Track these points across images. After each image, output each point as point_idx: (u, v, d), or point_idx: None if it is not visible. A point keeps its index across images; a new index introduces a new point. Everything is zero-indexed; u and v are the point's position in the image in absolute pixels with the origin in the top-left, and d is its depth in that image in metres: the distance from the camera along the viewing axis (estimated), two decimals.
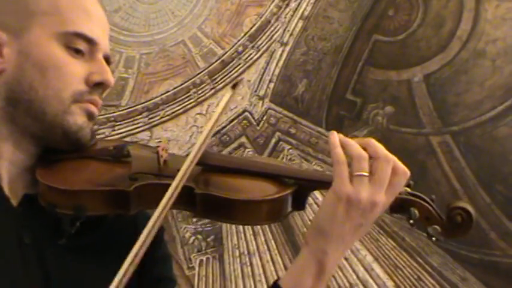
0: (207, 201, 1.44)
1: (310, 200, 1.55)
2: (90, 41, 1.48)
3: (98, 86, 1.49)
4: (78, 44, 1.47)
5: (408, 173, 1.45)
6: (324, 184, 1.51)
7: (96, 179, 1.45)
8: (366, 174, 1.41)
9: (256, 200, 1.46)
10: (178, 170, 1.35)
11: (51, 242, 1.42)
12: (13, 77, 1.44)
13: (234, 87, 1.49)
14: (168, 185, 1.34)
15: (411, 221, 1.49)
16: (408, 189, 1.52)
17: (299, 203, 1.53)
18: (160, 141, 1.53)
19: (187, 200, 1.42)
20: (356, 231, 1.45)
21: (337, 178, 1.42)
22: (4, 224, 1.40)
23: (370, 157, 1.42)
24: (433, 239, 1.50)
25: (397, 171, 1.44)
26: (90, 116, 1.49)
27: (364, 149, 1.44)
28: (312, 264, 1.45)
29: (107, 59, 1.54)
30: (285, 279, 1.48)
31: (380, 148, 1.44)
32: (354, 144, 1.45)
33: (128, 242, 1.43)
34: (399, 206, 1.50)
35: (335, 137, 1.47)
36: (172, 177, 1.36)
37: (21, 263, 1.38)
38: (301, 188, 1.52)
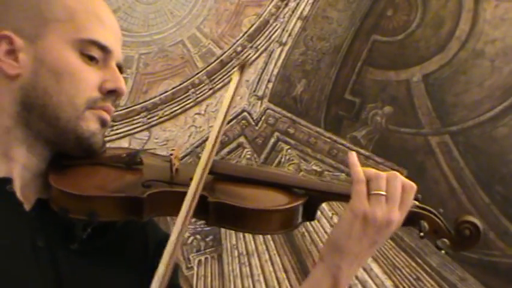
0: (220, 210, 1.44)
1: None
2: (104, 49, 1.50)
3: (111, 93, 1.51)
4: (92, 51, 1.48)
5: (415, 186, 1.50)
6: (334, 196, 1.55)
7: (109, 185, 1.46)
8: (384, 193, 1.46)
9: (269, 210, 1.47)
10: (190, 179, 1.36)
11: (63, 246, 1.42)
12: (28, 82, 1.46)
13: (241, 68, 1.48)
14: (180, 193, 1.34)
15: (421, 234, 1.52)
16: (417, 203, 1.55)
17: (309, 214, 1.55)
18: (173, 149, 1.53)
19: (201, 209, 1.42)
20: (371, 248, 1.49)
21: (355, 196, 1.47)
22: (18, 228, 1.41)
23: None
24: (442, 251, 1.54)
25: (405, 186, 1.49)
26: (102, 123, 1.50)
27: None
28: (327, 278, 1.48)
29: (120, 68, 1.55)
30: None
31: (383, 172, 1.50)
32: (371, 168, 1.51)
33: (138, 249, 1.45)
34: (409, 219, 1.53)
35: (354, 156, 1.52)
36: (184, 185, 1.37)
37: (35, 265, 1.39)
38: (312, 198, 1.54)
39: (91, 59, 1.48)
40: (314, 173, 3.67)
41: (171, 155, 1.53)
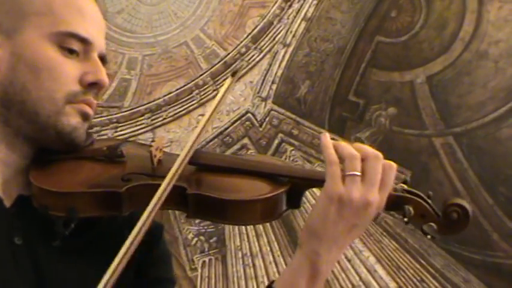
0: (199, 202, 1.42)
1: (312, 201, 1.54)
2: (84, 41, 1.46)
3: (92, 86, 1.47)
4: (71, 44, 1.45)
5: (395, 166, 1.44)
6: (318, 182, 1.50)
7: (89, 180, 1.44)
8: (358, 173, 1.39)
9: (249, 200, 1.44)
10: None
11: (45, 243, 1.40)
12: (6, 78, 1.42)
13: (233, 75, 1.48)
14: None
15: (405, 219, 1.46)
16: (405, 186, 1.50)
17: (294, 201, 1.50)
18: (153, 141, 1.51)
19: (180, 200, 1.40)
20: (350, 232, 1.43)
21: (329, 178, 1.40)
22: None
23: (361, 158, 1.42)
24: (428, 236, 1.48)
25: (385, 167, 1.42)
26: (84, 117, 1.47)
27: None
28: (306, 266, 1.43)
29: (103, 58, 1.52)
30: (280, 281, 1.47)
31: (369, 148, 1.43)
32: (345, 145, 1.43)
33: (122, 244, 1.42)
34: (393, 204, 1.47)
35: (326, 137, 1.45)
36: (165, 177, 1.35)
37: (12, 263, 1.37)
38: (295, 186, 1.49)
39: (71, 52, 1.44)
40: None
41: (151, 146, 1.51)
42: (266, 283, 3.62)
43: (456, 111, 3.45)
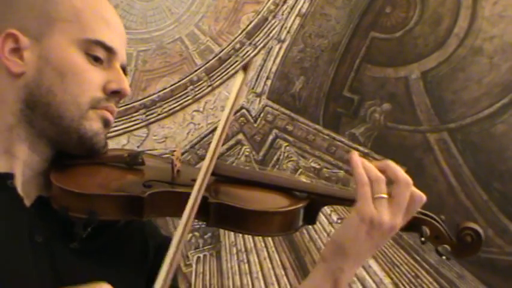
0: (221, 211, 1.45)
1: None
2: (109, 50, 1.51)
3: (115, 94, 1.52)
4: (97, 52, 1.50)
5: (424, 198, 1.51)
6: (336, 200, 1.55)
7: (110, 184, 1.47)
8: (385, 196, 1.46)
9: (270, 212, 1.48)
10: (192, 180, 1.36)
11: (62, 244, 1.43)
12: (32, 81, 1.47)
13: (245, 69, 1.49)
14: (181, 193, 1.34)
15: (422, 239, 1.53)
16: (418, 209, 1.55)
17: (310, 217, 1.56)
18: (175, 150, 1.53)
19: (201, 210, 1.41)
20: (371, 250, 1.50)
21: (361, 199, 1.47)
22: (17, 222, 1.42)
23: (389, 180, 1.47)
24: (443, 257, 1.54)
25: (414, 196, 1.49)
26: (105, 123, 1.52)
27: (383, 171, 1.48)
28: (328, 280, 1.49)
29: (124, 69, 1.56)
30: None
31: (399, 171, 1.50)
32: (371, 166, 1.49)
33: (137, 250, 1.44)
34: (411, 224, 1.53)
35: (357, 157, 1.50)
36: (185, 185, 1.37)
37: (32, 260, 1.40)
38: (313, 202, 1.54)
39: (96, 59, 1.50)
40: (313, 170, 3.67)
41: (173, 155, 1.53)
42: (260, 279, 3.63)
43: (451, 107, 3.46)
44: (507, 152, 3.28)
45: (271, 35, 3.96)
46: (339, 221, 3.51)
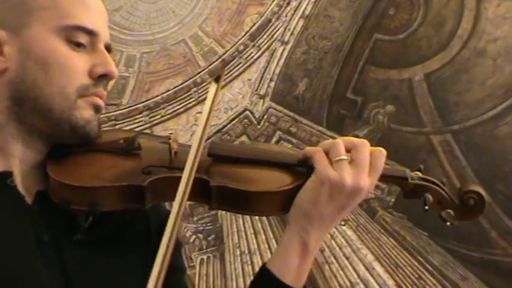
0: (223, 194, 1.42)
1: None
2: (90, 33, 1.46)
3: (102, 77, 1.48)
4: (79, 37, 1.45)
5: (384, 151, 1.49)
6: None
7: (109, 174, 1.44)
8: (345, 157, 1.43)
9: (272, 191, 1.45)
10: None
11: (67, 238, 1.41)
12: (16, 76, 1.43)
13: (217, 80, 1.48)
14: (181, 178, 1.33)
15: (426, 207, 1.50)
16: (419, 174, 1.55)
17: None
18: (171, 133, 1.51)
19: (203, 193, 1.41)
20: (339, 213, 1.46)
21: (317, 164, 1.44)
22: (22, 223, 1.40)
23: (348, 150, 1.45)
24: (447, 223, 1.52)
25: (373, 152, 1.47)
26: (96, 109, 1.48)
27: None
28: (296, 243, 1.46)
29: (108, 47, 1.53)
30: (272, 260, 1.50)
31: (353, 138, 1.48)
32: (324, 141, 1.49)
33: (141, 232, 1.43)
34: (413, 191, 1.52)
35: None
36: (184, 169, 1.35)
37: (41, 261, 1.38)
38: None
39: (78, 45, 1.45)
40: None
41: (169, 138, 1.51)
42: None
43: (454, 108, 3.46)
44: (511, 153, 3.28)
45: (274, 36, 3.96)
46: (343, 223, 3.51)
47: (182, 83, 4.11)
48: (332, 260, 3.46)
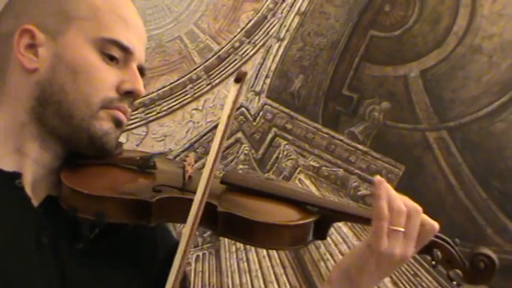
0: (229, 221, 1.43)
1: None
2: (125, 49, 1.50)
3: (128, 94, 1.51)
4: (113, 51, 1.49)
5: (437, 227, 1.48)
6: (348, 217, 1.53)
7: (120, 186, 1.45)
8: (403, 230, 1.42)
9: (279, 225, 1.45)
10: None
11: (69, 245, 1.42)
12: (45, 78, 1.46)
13: (237, 81, 1.47)
14: (191, 200, 1.33)
15: (434, 262, 1.50)
16: None
17: (321, 232, 1.53)
18: (187, 157, 1.52)
19: (209, 218, 1.41)
20: (380, 279, 1.49)
21: (376, 234, 1.44)
22: (23, 223, 1.41)
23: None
24: (454, 283, 1.51)
25: (425, 225, 1.46)
26: (117, 123, 1.50)
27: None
28: None
29: (141, 70, 1.55)
30: None
31: (411, 202, 1.46)
32: (396, 197, 1.45)
33: (146, 254, 1.44)
34: (423, 247, 1.51)
35: (383, 185, 1.46)
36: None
37: (38, 261, 1.39)
38: (325, 217, 1.51)
39: (111, 58, 1.48)
40: (312, 168, 3.67)
41: (185, 161, 1.52)
42: (260, 277, 3.63)
43: (450, 105, 3.45)
44: (506, 150, 3.28)
45: (270, 33, 3.95)
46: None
47: (178, 80, 4.11)
48: (328, 257, 3.46)
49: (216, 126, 3.94)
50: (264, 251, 3.65)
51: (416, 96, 3.55)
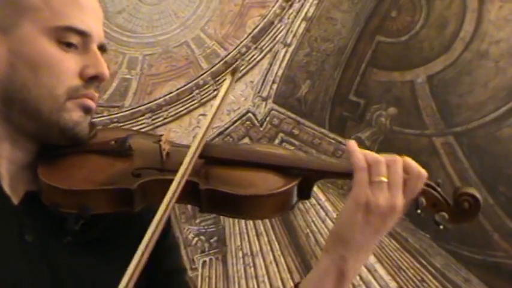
0: (212, 197, 1.40)
1: (313, 201, 1.53)
2: (82, 34, 1.42)
3: (93, 79, 1.44)
4: (70, 38, 1.41)
5: (424, 174, 1.45)
6: (330, 174, 1.50)
7: (99, 176, 1.42)
8: (385, 179, 1.40)
9: (263, 195, 1.43)
10: (181, 164, 1.34)
11: (55, 240, 1.39)
12: (5, 76, 1.39)
13: (233, 73, 1.46)
14: (172, 180, 1.32)
15: (418, 210, 1.47)
16: None
17: (304, 193, 1.49)
18: (162, 134, 1.49)
19: (193, 196, 1.39)
20: (375, 236, 1.45)
21: (357, 185, 1.40)
22: (5, 222, 1.39)
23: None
24: (441, 227, 1.49)
25: (409, 171, 1.44)
26: (86, 111, 1.43)
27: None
28: (332, 271, 1.44)
29: (102, 47, 1.49)
30: (306, 284, 1.48)
31: (387, 155, 1.44)
32: (369, 152, 1.44)
33: (134, 236, 1.41)
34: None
35: (354, 143, 1.46)
36: (175, 171, 1.34)
37: (24, 261, 1.36)
38: (307, 178, 1.48)
39: (69, 45, 1.40)
40: None
41: (160, 140, 1.49)
42: (266, 282, 3.63)
43: (457, 110, 3.45)
44: None
45: (277, 39, 3.96)
46: None
47: (184, 85, 4.11)
48: None
49: (222, 133, 3.97)
50: (271, 255, 3.65)
51: (423, 101, 3.55)
